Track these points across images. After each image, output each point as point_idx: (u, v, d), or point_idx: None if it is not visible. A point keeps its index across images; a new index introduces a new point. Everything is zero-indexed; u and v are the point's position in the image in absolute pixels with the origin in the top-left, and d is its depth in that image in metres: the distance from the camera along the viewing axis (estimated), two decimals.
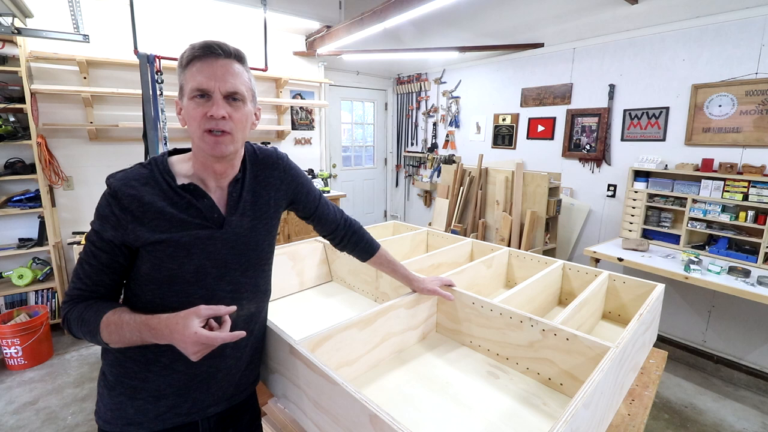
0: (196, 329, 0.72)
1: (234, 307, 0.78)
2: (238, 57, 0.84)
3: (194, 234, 0.82)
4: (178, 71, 0.84)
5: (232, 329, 0.90)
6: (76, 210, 3.21)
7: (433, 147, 5.23)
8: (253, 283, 0.93)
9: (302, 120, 4.57)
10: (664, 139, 3.08)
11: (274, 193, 0.97)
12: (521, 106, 4.12)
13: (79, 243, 2.89)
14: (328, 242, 1.30)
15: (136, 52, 2.46)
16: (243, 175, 0.92)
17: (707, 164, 2.76)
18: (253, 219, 0.91)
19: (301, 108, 4.51)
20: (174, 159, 0.88)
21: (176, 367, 0.85)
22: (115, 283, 0.84)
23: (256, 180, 0.94)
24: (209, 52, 0.80)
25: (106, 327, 0.77)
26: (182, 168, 0.86)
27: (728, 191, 2.61)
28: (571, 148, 3.72)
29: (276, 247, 1.65)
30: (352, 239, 1.18)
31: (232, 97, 0.81)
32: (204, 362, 0.87)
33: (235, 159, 0.88)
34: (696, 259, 2.48)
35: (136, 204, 0.78)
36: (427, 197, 5.52)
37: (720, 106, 2.75)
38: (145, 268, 0.81)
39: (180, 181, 0.84)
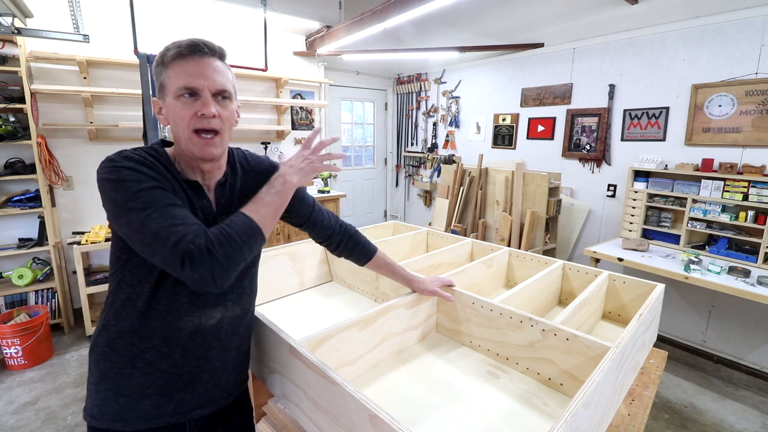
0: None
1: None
2: (222, 55, 0.84)
3: None
4: (157, 69, 0.82)
5: (217, 331, 0.90)
6: (76, 210, 3.21)
7: (433, 147, 5.23)
8: (239, 285, 0.93)
9: (302, 120, 4.56)
10: (664, 139, 3.08)
11: None
12: (521, 106, 4.12)
13: (79, 243, 2.89)
14: None
15: (136, 52, 2.46)
16: (233, 178, 0.92)
17: (707, 164, 2.76)
18: None
19: (301, 108, 4.50)
20: (168, 152, 0.86)
21: (159, 365, 0.84)
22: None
23: (247, 184, 0.93)
24: (196, 51, 0.79)
25: (248, 207, 0.79)
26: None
27: (728, 191, 2.61)
28: (571, 148, 3.72)
29: (276, 247, 1.67)
30: (348, 244, 1.17)
31: (221, 95, 0.81)
32: (188, 362, 0.87)
33: (221, 159, 0.89)
34: (696, 259, 2.48)
35: (156, 172, 0.77)
36: (427, 197, 5.52)
37: (720, 106, 2.75)
38: (139, 258, 0.78)
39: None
